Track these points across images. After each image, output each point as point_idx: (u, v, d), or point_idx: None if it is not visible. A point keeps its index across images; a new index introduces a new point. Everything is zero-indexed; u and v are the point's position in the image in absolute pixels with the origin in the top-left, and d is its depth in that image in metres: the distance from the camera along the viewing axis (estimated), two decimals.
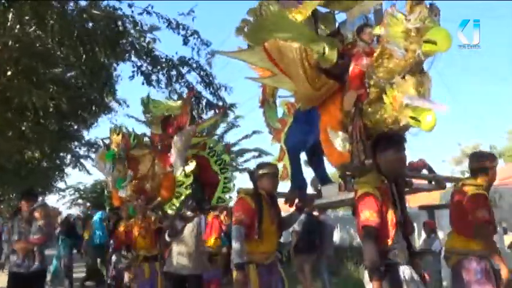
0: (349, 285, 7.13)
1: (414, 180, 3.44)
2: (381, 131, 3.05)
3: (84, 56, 5.72)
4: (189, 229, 5.30)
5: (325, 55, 3.18)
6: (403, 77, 2.80)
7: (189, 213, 5.34)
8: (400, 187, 2.98)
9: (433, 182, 3.61)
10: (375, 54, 3.00)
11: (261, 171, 3.67)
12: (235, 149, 15.49)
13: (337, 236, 12.22)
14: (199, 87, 7.14)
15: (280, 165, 4.21)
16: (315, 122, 3.65)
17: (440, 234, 7.40)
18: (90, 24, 5.69)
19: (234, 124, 15.09)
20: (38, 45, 5.77)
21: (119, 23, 5.78)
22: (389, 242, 2.75)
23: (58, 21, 5.16)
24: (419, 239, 8.71)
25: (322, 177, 4.21)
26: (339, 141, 3.20)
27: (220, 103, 7.25)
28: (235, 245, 3.37)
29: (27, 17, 5.24)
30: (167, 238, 5.33)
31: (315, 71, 3.31)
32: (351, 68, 3.20)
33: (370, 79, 3.04)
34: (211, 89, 7.11)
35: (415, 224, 9.22)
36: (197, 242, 5.40)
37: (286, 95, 4.40)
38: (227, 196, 5.98)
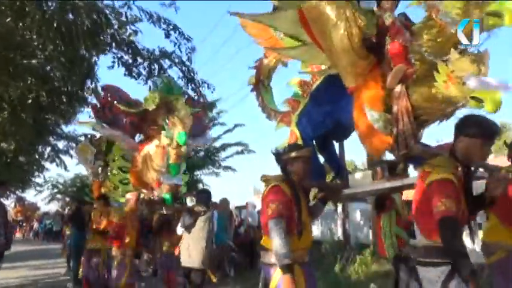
0: (329, 279, 7.21)
1: None
2: (430, 112, 2.74)
3: (63, 47, 5.61)
4: (200, 223, 5.30)
5: (367, 23, 2.86)
6: (460, 53, 2.47)
7: (200, 207, 5.39)
8: (468, 177, 2.56)
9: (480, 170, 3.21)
10: (418, 26, 2.71)
11: (293, 154, 3.15)
12: (217, 144, 15.44)
13: (317, 231, 12.33)
14: (181, 83, 7.05)
15: None
16: (338, 102, 3.24)
17: None
18: (71, 15, 5.58)
19: (216, 118, 15.03)
20: (15, 35, 5.62)
21: (100, 14, 5.68)
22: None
23: (36, 11, 5.04)
24: None
25: (336, 165, 3.77)
26: (380, 123, 2.81)
27: (202, 99, 7.22)
28: (277, 242, 2.79)
29: (3, 7, 5.10)
30: (179, 231, 5.41)
31: (362, 38, 2.91)
32: (388, 43, 2.84)
33: (416, 54, 2.74)
34: (192, 85, 7.05)
35: None
36: (208, 236, 5.40)
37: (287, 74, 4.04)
38: None
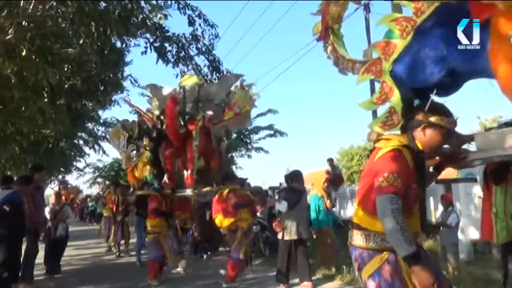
0: None
1: None
2: None
3: (96, 35, 5.74)
4: (303, 201, 5.98)
5: None
6: None
7: (298, 186, 5.93)
8: None
9: None
10: None
11: (435, 119, 2.30)
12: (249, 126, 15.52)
13: (351, 208, 12.30)
14: (207, 71, 7.42)
15: (383, 110, 2.80)
16: (456, 42, 2.47)
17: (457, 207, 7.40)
18: (102, 2, 5.68)
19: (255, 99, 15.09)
20: (50, 24, 5.78)
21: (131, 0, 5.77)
22: None
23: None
24: (436, 212, 8.69)
25: None
26: None
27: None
28: (395, 226, 2.14)
29: None
30: (283, 208, 5.91)
31: None
32: None
33: None
34: (218, 74, 7.34)
35: (431, 198, 9.22)
36: (305, 212, 6.09)
37: None
38: None
